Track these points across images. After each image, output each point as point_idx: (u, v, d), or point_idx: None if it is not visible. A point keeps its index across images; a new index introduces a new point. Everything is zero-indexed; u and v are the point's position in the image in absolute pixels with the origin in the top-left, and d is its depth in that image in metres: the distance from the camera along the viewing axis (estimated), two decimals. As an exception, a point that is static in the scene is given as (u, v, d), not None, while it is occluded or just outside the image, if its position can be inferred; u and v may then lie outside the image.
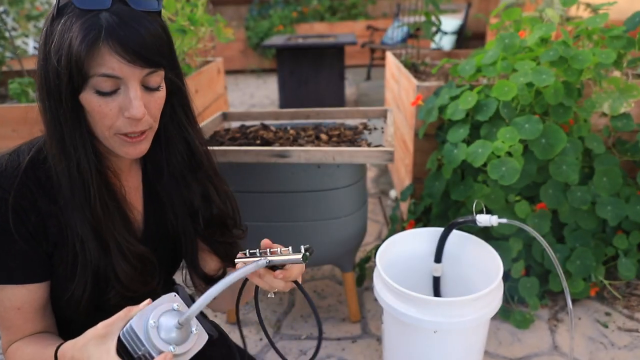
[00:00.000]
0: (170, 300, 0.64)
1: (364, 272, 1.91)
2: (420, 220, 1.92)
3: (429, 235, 1.37)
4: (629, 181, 1.70)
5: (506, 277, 1.62)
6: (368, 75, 6.00)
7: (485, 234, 1.63)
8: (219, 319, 1.76)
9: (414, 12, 2.52)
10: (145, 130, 0.74)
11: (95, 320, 0.82)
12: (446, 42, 5.33)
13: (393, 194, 2.74)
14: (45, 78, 0.68)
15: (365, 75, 6.10)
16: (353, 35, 4.81)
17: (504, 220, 1.18)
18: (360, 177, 1.51)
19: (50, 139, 0.72)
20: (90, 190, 0.73)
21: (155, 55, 0.68)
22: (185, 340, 0.62)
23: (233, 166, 1.42)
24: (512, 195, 1.63)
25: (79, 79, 0.66)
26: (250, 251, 0.72)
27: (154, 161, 0.86)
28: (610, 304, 1.76)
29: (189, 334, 0.63)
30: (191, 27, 2.05)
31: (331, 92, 4.46)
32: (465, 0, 5.91)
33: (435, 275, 1.39)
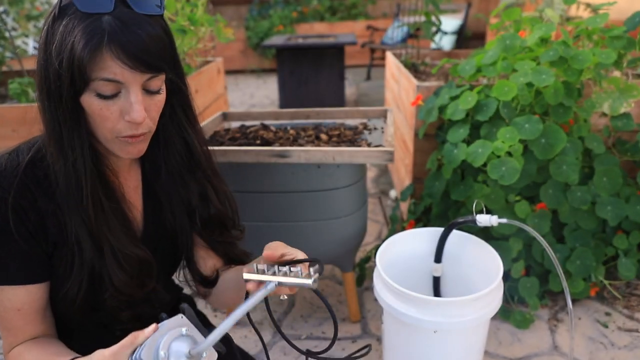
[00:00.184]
0: (178, 324, 0.62)
1: (364, 272, 1.91)
2: (420, 220, 1.92)
3: (429, 235, 1.37)
4: (629, 181, 1.70)
5: (506, 277, 1.62)
6: (368, 75, 6.00)
7: (485, 234, 1.63)
8: (220, 318, 1.76)
9: (414, 12, 2.52)
10: (145, 132, 0.74)
11: (92, 319, 0.81)
12: (446, 42, 5.32)
13: (393, 194, 2.74)
14: (46, 78, 0.68)
15: (365, 75, 6.10)
16: (353, 35, 4.81)
17: (504, 220, 1.18)
18: (360, 177, 1.51)
19: (49, 138, 0.72)
20: (83, 191, 0.72)
21: (157, 60, 0.68)
22: None
23: (233, 166, 1.42)
24: (512, 195, 1.63)
25: (80, 82, 0.66)
26: (259, 266, 0.69)
27: (152, 160, 0.86)
28: (610, 304, 1.76)
29: (200, 357, 0.61)
30: (191, 27, 2.05)
31: (331, 92, 4.46)
32: (465, 0, 5.91)
33: (435, 275, 1.39)
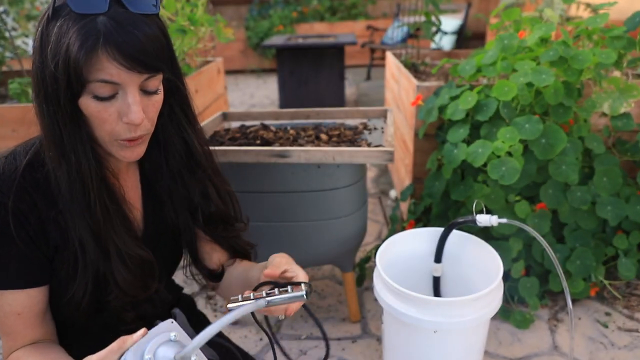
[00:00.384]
0: (167, 329, 0.61)
1: (364, 272, 1.91)
2: (420, 220, 1.92)
3: (429, 235, 1.37)
4: (629, 181, 1.69)
5: (506, 277, 1.62)
6: (368, 75, 6.00)
7: (485, 234, 1.63)
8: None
9: (414, 12, 2.52)
10: (143, 134, 0.74)
11: (96, 321, 0.81)
12: (446, 42, 5.32)
13: (393, 194, 2.74)
14: (42, 81, 0.67)
15: (365, 75, 6.09)
16: (353, 35, 4.81)
17: (504, 220, 1.18)
18: (360, 177, 1.51)
19: (49, 142, 0.70)
20: (90, 196, 0.72)
21: (154, 61, 0.67)
22: None
23: (233, 166, 1.42)
24: (512, 195, 1.63)
25: (77, 84, 0.65)
26: (244, 296, 0.68)
27: (152, 161, 0.85)
28: (610, 304, 1.76)
29: None
30: (191, 27, 2.05)
31: (331, 92, 4.46)
32: (465, 0, 5.91)
33: (435, 275, 1.39)
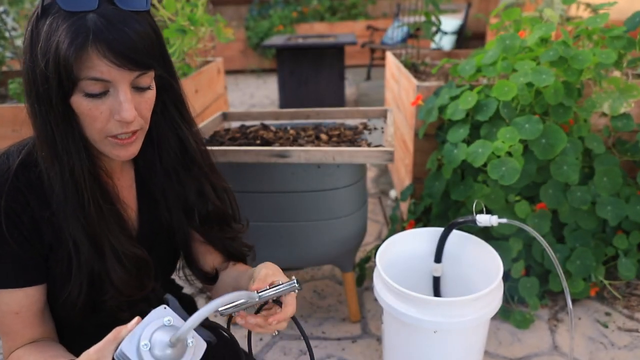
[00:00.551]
0: (161, 314, 0.61)
1: (364, 272, 1.91)
2: (420, 220, 1.92)
3: (429, 235, 1.37)
4: (629, 181, 1.69)
5: (506, 277, 1.62)
6: (368, 75, 6.00)
7: (485, 234, 1.63)
8: (218, 318, 1.76)
9: (414, 12, 2.52)
10: (136, 131, 0.73)
11: (92, 321, 0.81)
12: (446, 42, 5.32)
13: (393, 194, 2.74)
14: (34, 81, 0.66)
15: (365, 75, 6.10)
16: (353, 35, 4.81)
17: (504, 220, 1.18)
18: (360, 177, 1.51)
19: (42, 143, 0.70)
20: (84, 196, 0.71)
21: (144, 58, 0.67)
22: (182, 355, 0.59)
23: (233, 166, 1.42)
24: (512, 195, 1.63)
25: (68, 83, 0.64)
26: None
27: (146, 159, 0.84)
28: (610, 304, 1.76)
29: (185, 347, 0.60)
30: (191, 27, 2.05)
31: (331, 92, 4.46)
32: (465, 0, 5.91)
33: (435, 275, 1.39)
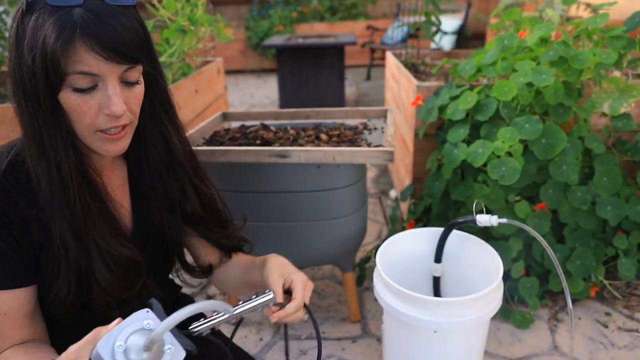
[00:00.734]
0: (142, 317, 0.60)
1: (364, 272, 1.91)
2: (420, 220, 1.92)
3: (429, 235, 1.37)
4: (629, 181, 1.69)
5: (506, 277, 1.62)
6: (368, 75, 6.00)
7: (485, 234, 1.63)
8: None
9: (414, 12, 2.52)
10: (126, 125, 0.73)
11: (82, 318, 0.81)
12: (446, 42, 5.32)
13: (393, 194, 2.74)
14: (20, 78, 0.66)
15: (365, 75, 6.10)
16: (353, 35, 4.81)
17: (504, 220, 1.18)
18: (360, 177, 1.51)
19: (29, 140, 0.70)
20: (70, 192, 0.71)
21: (132, 51, 0.67)
22: None
23: (233, 166, 1.42)
24: (512, 195, 1.63)
25: (55, 77, 0.64)
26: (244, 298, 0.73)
27: (135, 156, 0.85)
28: (610, 304, 1.76)
29: (162, 353, 0.59)
30: (191, 27, 2.05)
31: (331, 92, 4.46)
32: (465, 0, 5.91)
33: (435, 275, 1.39)
